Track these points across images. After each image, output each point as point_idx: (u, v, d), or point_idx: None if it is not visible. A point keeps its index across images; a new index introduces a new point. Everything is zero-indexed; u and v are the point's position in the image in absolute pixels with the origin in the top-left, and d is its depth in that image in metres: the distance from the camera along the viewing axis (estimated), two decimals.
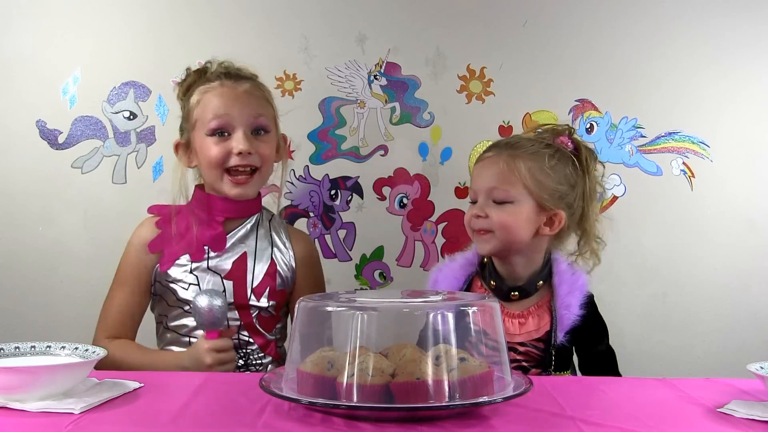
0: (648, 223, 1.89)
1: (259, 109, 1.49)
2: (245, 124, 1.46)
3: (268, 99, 1.53)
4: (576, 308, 1.37)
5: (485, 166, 1.42)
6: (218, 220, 1.50)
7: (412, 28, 1.89)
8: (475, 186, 1.44)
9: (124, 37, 1.86)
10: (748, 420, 0.95)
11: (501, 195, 1.38)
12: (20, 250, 1.87)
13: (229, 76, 1.51)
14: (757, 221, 1.88)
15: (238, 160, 1.45)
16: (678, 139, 1.89)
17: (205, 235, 1.49)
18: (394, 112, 1.90)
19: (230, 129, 1.46)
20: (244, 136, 1.45)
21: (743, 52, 1.87)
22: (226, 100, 1.47)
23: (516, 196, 1.38)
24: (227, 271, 1.49)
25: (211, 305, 1.35)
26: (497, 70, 1.88)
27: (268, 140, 1.50)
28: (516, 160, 1.38)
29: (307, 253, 1.59)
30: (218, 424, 0.93)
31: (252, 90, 1.50)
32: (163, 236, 1.50)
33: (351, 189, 1.90)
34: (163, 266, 1.48)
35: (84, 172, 1.87)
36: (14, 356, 1.09)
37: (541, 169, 1.38)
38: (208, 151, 1.47)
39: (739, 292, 1.87)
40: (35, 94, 1.85)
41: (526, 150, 1.40)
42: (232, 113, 1.46)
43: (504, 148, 1.42)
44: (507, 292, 1.40)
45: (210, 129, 1.46)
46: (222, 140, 1.46)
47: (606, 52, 1.88)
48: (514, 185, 1.38)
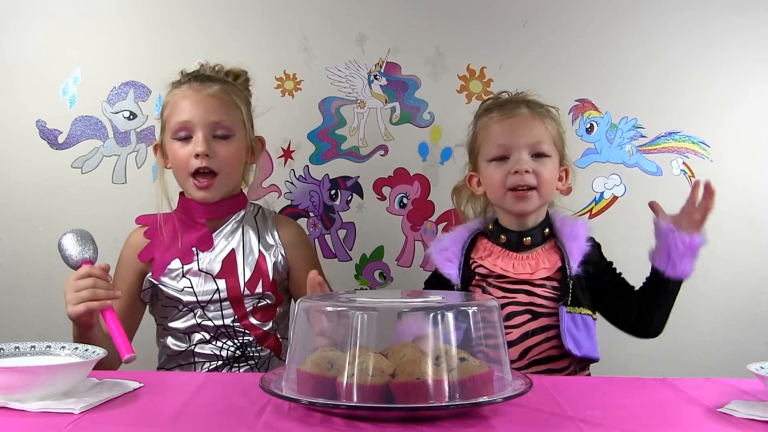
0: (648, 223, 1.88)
1: (221, 113, 1.49)
2: (205, 127, 1.48)
3: (237, 103, 1.53)
4: (584, 239, 1.45)
5: (521, 122, 1.45)
6: (201, 222, 1.53)
7: (412, 28, 1.89)
8: (505, 141, 1.44)
9: (124, 37, 1.87)
10: (748, 420, 0.95)
11: (543, 149, 1.43)
12: (20, 250, 1.87)
13: (197, 79, 1.52)
14: (758, 221, 1.88)
15: (198, 163, 1.47)
16: (678, 139, 1.89)
17: (191, 238, 1.52)
18: (394, 112, 1.90)
19: (192, 132, 1.48)
20: (203, 139, 1.47)
21: (743, 52, 1.87)
22: (188, 103, 1.49)
23: (551, 151, 1.45)
24: (217, 271, 1.50)
25: (94, 255, 1.33)
26: (497, 70, 1.88)
27: (230, 144, 1.50)
28: (544, 117, 1.46)
29: (293, 235, 1.59)
30: (218, 424, 0.93)
31: (217, 93, 1.50)
32: (152, 246, 1.53)
33: (351, 189, 1.90)
34: (155, 274, 1.51)
35: (84, 172, 1.87)
36: (14, 356, 1.09)
37: (554, 127, 1.48)
38: (174, 154, 1.50)
39: (740, 292, 1.87)
40: (35, 94, 1.85)
41: (541, 108, 1.48)
42: (193, 117, 1.48)
43: (530, 105, 1.48)
44: (518, 240, 1.46)
45: (173, 132, 1.49)
46: (185, 143, 1.48)
47: (606, 52, 1.88)
48: (545, 137, 1.45)
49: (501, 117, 1.47)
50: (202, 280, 1.49)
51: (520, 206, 1.43)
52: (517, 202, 1.43)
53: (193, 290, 1.48)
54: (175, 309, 1.50)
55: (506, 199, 1.44)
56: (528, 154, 1.43)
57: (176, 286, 1.49)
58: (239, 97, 1.54)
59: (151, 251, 1.52)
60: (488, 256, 1.46)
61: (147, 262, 1.52)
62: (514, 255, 1.45)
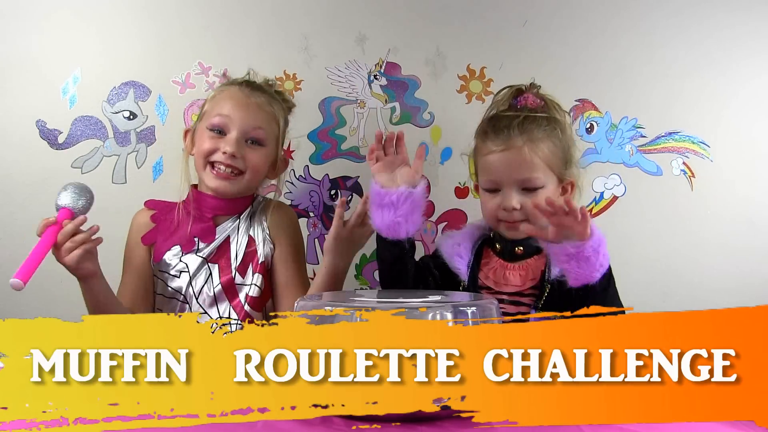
0: (648, 223, 1.89)
1: (260, 121, 1.55)
2: (241, 130, 1.53)
3: (277, 118, 1.59)
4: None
5: (512, 158, 1.41)
6: (208, 216, 1.57)
7: (412, 28, 1.89)
8: (496, 177, 1.43)
9: (124, 37, 1.87)
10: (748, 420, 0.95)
11: (533, 183, 1.40)
12: (20, 250, 1.86)
13: (249, 85, 1.59)
14: (757, 222, 1.87)
15: (223, 159, 1.52)
16: (678, 139, 1.89)
17: (195, 229, 1.56)
18: (394, 112, 1.90)
19: (227, 130, 1.53)
20: (236, 141, 1.52)
21: (744, 51, 1.87)
22: (234, 103, 1.55)
23: (544, 180, 1.41)
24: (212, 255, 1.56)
25: (74, 205, 1.39)
26: (497, 70, 1.88)
27: (259, 152, 1.55)
28: (536, 143, 1.40)
29: (279, 218, 1.62)
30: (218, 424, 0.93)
31: (262, 104, 1.57)
32: (156, 230, 1.58)
33: (351, 189, 1.90)
34: (156, 258, 1.56)
35: (84, 172, 1.87)
36: None
37: (554, 144, 1.42)
38: (202, 141, 1.55)
39: (739, 292, 1.87)
40: (35, 94, 1.85)
41: (538, 128, 1.41)
42: (234, 116, 1.53)
43: (517, 134, 1.41)
44: (512, 249, 1.45)
45: (210, 124, 1.54)
46: (217, 137, 1.53)
47: (606, 53, 1.88)
48: (541, 170, 1.40)
49: (494, 146, 1.43)
50: (197, 264, 1.54)
51: (511, 234, 1.44)
52: (509, 230, 1.44)
53: (189, 272, 1.53)
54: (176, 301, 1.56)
55: (498, 225, 1.45)
56: (518, 190, 1.41)
57: (173, 269, 1.54)
58: (280, 113, 1.60)
59: (154, 235, 1.58)
60: (485, 265, 1.47)
61: (149, 245, 1.57)
62: (507, 264, 1.45)
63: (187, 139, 1.62)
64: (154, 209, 1.61)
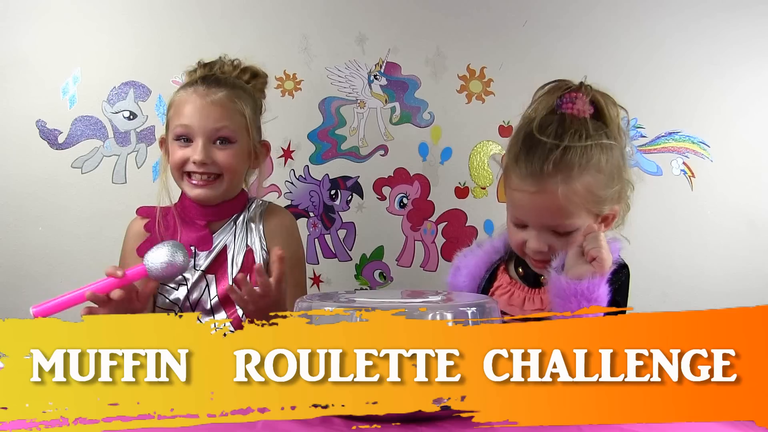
0: (648, 223, 1.89)
1: (223, 119, 1.49)
2: (205, 135, 1.48)
3: (241, 109, 1.52)
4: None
5: (538, 201, 1.22)
6: (201, 224, 1.53)
7: (412, 28, 1.89)
8: (523, 217, 1.26)
9: (124, 37, 1.87)
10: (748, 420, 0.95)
11: (565, 229, 1.23)
12: (20, 250, 1.87)
13: (204, 82, 1.51)
14: (757, 222, 1.88)
15: (195, 168, 1.48)
16: (678, 139, 1.89)
17: (191, 237, 1.52)
18: (394, 112, 1.90)
19: (191, 137, 1.48)
20: (202, 147, 1.47)
21: (744, 51, 1.87)
22: (191, 108, 1.49)
23: (579, 224, 1.23)
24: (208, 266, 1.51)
25: (173, 260, 1.28)
26: (497, 70, 1.89)
27: (230, 150, 1.50)
28: (570, 182, 1.20)
29: (275, 224, 1.57)
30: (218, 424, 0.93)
31: (221, 101, 1.49)
32: (150, 240, 1.52)
33: (351, 189, 1.90)
34: None
35: (84, 172, 1.87)
36: None
37: (596, 177, 1.22)
38: (173, 153, 1.51)
39: (739, 292, 1.87)
40: (35, 94, 1.85)
41: (574, 160, 1.20)
42: (194, 123, 1.48)
43: (552, 172, 1.19)
44: (535, 277, 1.33)
45: (175, 134, 1.50)
46: (184, 146, 1.49)
47: (606, 53, 1.88)
48: (575, 214, 1.22)
49: (525, 185, 1.22)
50: (196, 276, 1.50)
51: (538, 268, 1.31)
52: (535, 265, 1.31)
53: (187, 285, 1.49)
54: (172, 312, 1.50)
55: (525, 257, 1.32)
56: (547, 231, 1.24)
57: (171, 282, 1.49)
58: (246, 102, 1.53)
59: (149, 246, 1.50)
60: (503, 294, 1.36)
61: None
62: (527, 289, 1.34)
63: (163, 149, 1.57)
64: (147, 217, 1.56)
